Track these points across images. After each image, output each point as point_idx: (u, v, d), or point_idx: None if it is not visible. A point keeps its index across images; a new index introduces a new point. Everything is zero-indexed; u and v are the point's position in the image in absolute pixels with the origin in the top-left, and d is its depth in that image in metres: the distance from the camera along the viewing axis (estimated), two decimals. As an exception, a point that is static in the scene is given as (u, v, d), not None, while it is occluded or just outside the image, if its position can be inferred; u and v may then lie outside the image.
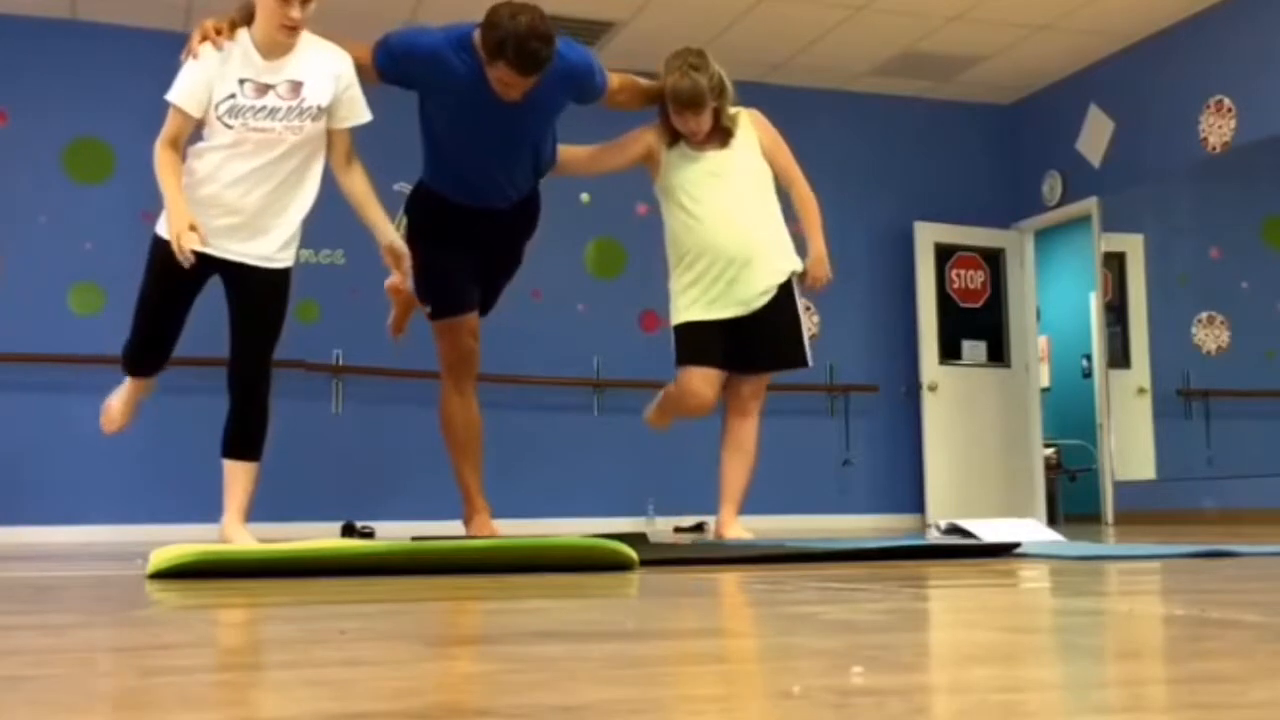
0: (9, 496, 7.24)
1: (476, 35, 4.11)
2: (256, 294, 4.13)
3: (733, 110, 4.66)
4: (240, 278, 4.11)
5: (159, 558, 2.42)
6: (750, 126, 4.70)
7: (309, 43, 4.09)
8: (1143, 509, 8.16)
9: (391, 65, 4.24)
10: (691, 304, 4.63)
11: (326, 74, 4.07)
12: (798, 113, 8.86)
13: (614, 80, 4.47)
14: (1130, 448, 8.59)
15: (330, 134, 4.14)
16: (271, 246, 4.12)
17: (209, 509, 4.37)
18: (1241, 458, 7.77)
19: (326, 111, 4.08)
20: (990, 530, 3.48)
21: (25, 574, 3.02)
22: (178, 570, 2.40)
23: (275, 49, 4.02)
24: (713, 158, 4.63)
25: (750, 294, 4.60)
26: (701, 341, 4.62)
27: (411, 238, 4.64)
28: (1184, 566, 2.61)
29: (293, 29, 3.98)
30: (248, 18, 4.03)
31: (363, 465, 7.92)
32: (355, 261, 7.79)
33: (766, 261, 4.63)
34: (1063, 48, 8.61)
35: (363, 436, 7.97)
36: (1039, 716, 0.84)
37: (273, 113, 4.01)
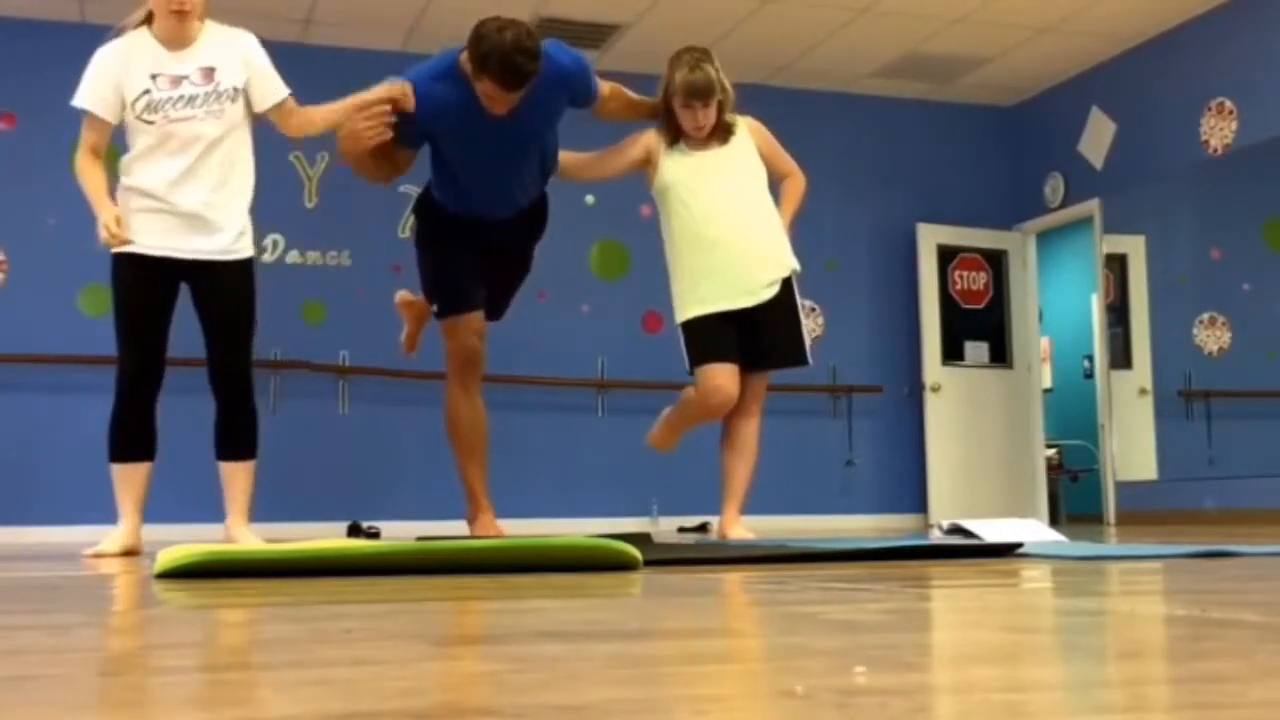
0: (18, 496, 7.26)
1: (463, 57, 4.11)
2: (223, 289, 4.09)
3: (730, 116, 4.69)
4: (204, 275, 4.07)
5: (165, 558, 2.43)
6: (747, 133, 4.72)
7: (213, 31, 4.10)
8: (1144, 509, 8.16)
9: (407, 134, 4.25)
10: (700, 299, 4.63)
11: (235, 57, 4.07)
12: (801, 115, 8.87)
13: (605, 88, 4.48)
14: (1132, 448, 8.59)
15: (269, 117, 4.14)
16: (227, 239, 4.08)
17: (214, 509, 4.37)
18: (1242, 458, 7.77)
19: (243, 93, 4.06)
20: (992, 530, 3.49)
21: (32, 574, 3.02)
22: (184, 570, 2.40)
23: (177, 40, 4.01)
24: (711, 155, 4.65)
25: (757, 283, 4.60)
26: (715, 336, 4.62)
27: (418, 239, 4.66)
28: (1185, 567, 2.61)
29: (180, 13, 3.96)
30: (149, 17, 4.05)
31: (368, 465, 7.93)
32: (361, 263, 7.80)
33: (769, 252, 4.64)
34: (1064, 50, 8.61)
35: (368, 437, 7.97)
36: (1041, 716, 0.84)
37: (190, 100, 3.99)
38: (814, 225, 8.84)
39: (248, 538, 4.07)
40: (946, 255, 9.32)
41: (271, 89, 4.13)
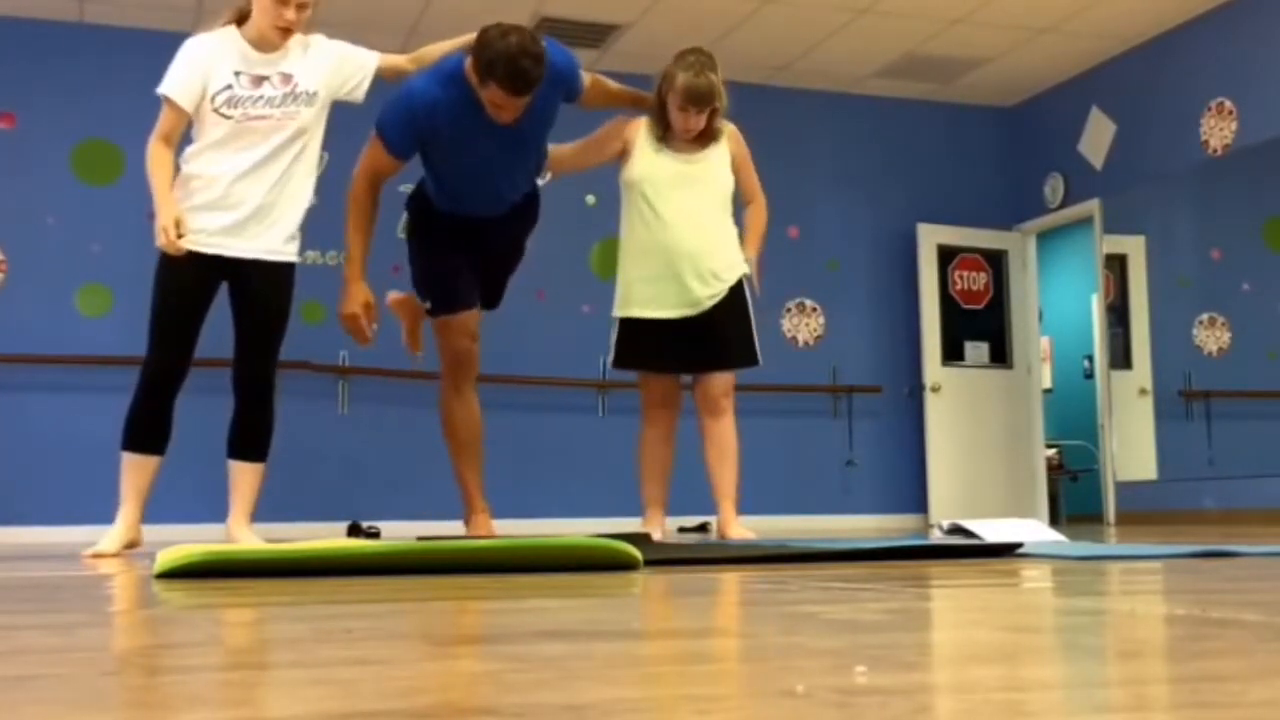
0: (16, 496, 7.26)
1: (467, 63, 4.11)
2: (263, 290, 4.13)
3: (718, 124, 4.69)
4: (247, 275, 4.10)
5: (166, 558, 2.43)
6: (726, 141, 4.73)
7: (299, 41, 4.16)
8: (1144, 509, 8.16)
9: (402, 142, 4.26)
10: (639, 301, 4.67)
11: (311, 63, 4.13)
12: (802, 115, 8.88)
13: (586, 79, 4.49)
14: (1132, 448, 8.59)
15: (382, 73, 4.26)
16: (279, 238, 4.13)
17: (215, 509, 4.37)
18: (1242, 458, 7.77)
19: (318, 97, 4.12)
20: (993, 530, 3.49)
21: (32, 573, 3.03)
22: (184, 570, 2.41)
23: (267, 45, 4.08)
24: (687, 160, 4.66)
25: (700, 295, 4.63)
26: (642, 343, 4.70)
27: (412, 235, 4.66)
28: (1185, 566, 2.61)
29: (287, 30, 4.05)
30: (240, 17, 4.11)
31: (368, 465, 7.93)
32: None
33: (714, 267, 4.65)
34: (1064, 51, 8.61)
35: (368, 437, 7.97)
36: (1041, 716, 0.84)
37: (269, 100, 4.06)
38: (814, 226, 8.85)
39: (248, 537, 4.07)
40: (946, 255, 9.32)
41: (358, 69, 4.22)
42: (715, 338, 4.67)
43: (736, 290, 4.68)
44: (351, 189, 4.38)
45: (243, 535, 4.11)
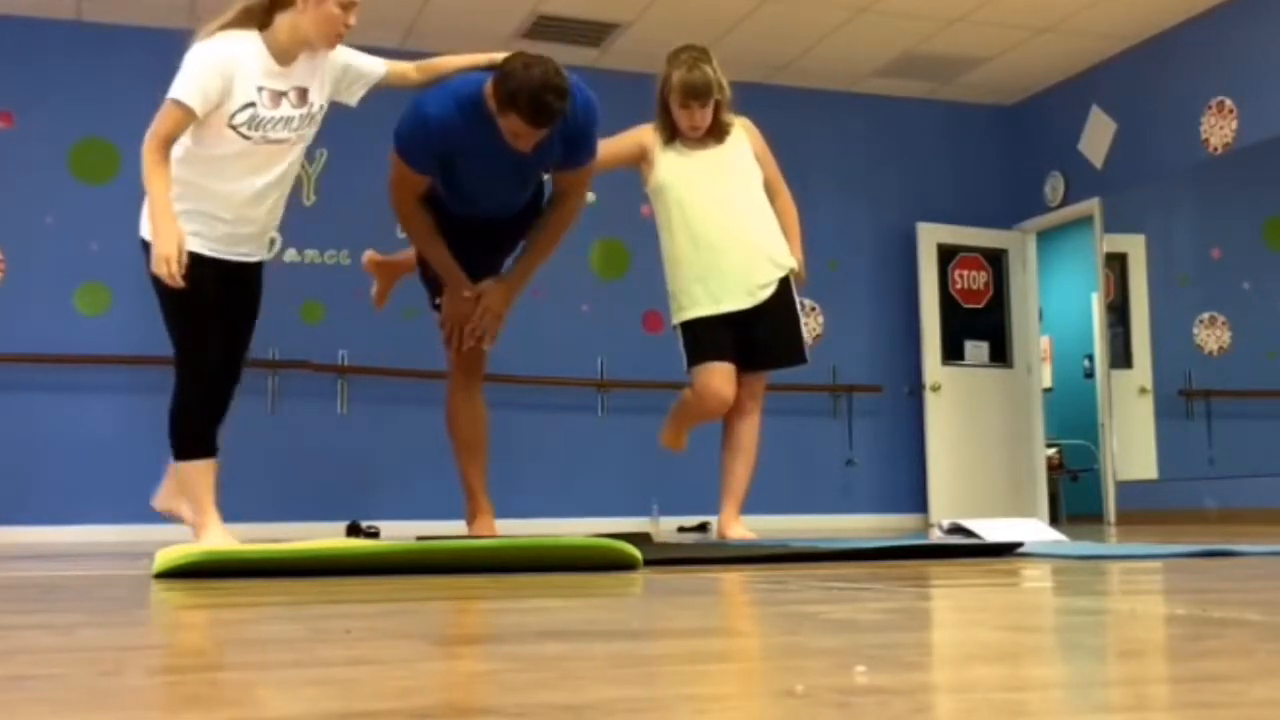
0: (15, 496, 7.25)
1: (487, 87, 4.07)
2: (249, 289, 4.13)
3: (727, 116, 4.68)
4: (236, 275, 4.06)
5: (164, 557, 2.43)
6: (742, 132, 4.72)
7: (308, 51, 4.00)
8: (1144, 509, 8.16)
9: (422, 163, 4.19)
10: (697, 301, 4.63)
11: (324, 77, 4.01)
12: (801, 114, 8.88)
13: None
14: (1132, 448, 8.59)
15: (388, 82, 4.13)
16: (264, 246, 4.17)
17: (221, 508, 4.36)
18: (1243, 458, 7.77)
19: (323, 112, 4.05)
20: (993, 530, 3.49)
21: (31, 573, 3.03)
22: (183, 570, 2.41)
23: (287, 57, 3.84)
24: (708, 155, 4.65)
25: (754, 284, 4.60)
26: (713, 336, 4.62)
27: None
28: (1185, 566, 2.61)
29: (339, 37, 3.86)
30: (261, 20, 3.84)
31: (368, 465, 7.93)
32: (360, 262, 7.79)
33: (766, 253, 4.64)
34: (1064, 49, 8.61)
35: (368, 437, 7.97)
36: (1041, 715, 0.84)
37: (287, 122, 3.87)
38: (814, 225, 8.83)
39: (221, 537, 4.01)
40: (946, 255, 9.32)
41: (358, 78, 4.07)
42: (764, 336, 4.65)
43: (785, 287, 4.67)
44: (397, 211, 4.30)
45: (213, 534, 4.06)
